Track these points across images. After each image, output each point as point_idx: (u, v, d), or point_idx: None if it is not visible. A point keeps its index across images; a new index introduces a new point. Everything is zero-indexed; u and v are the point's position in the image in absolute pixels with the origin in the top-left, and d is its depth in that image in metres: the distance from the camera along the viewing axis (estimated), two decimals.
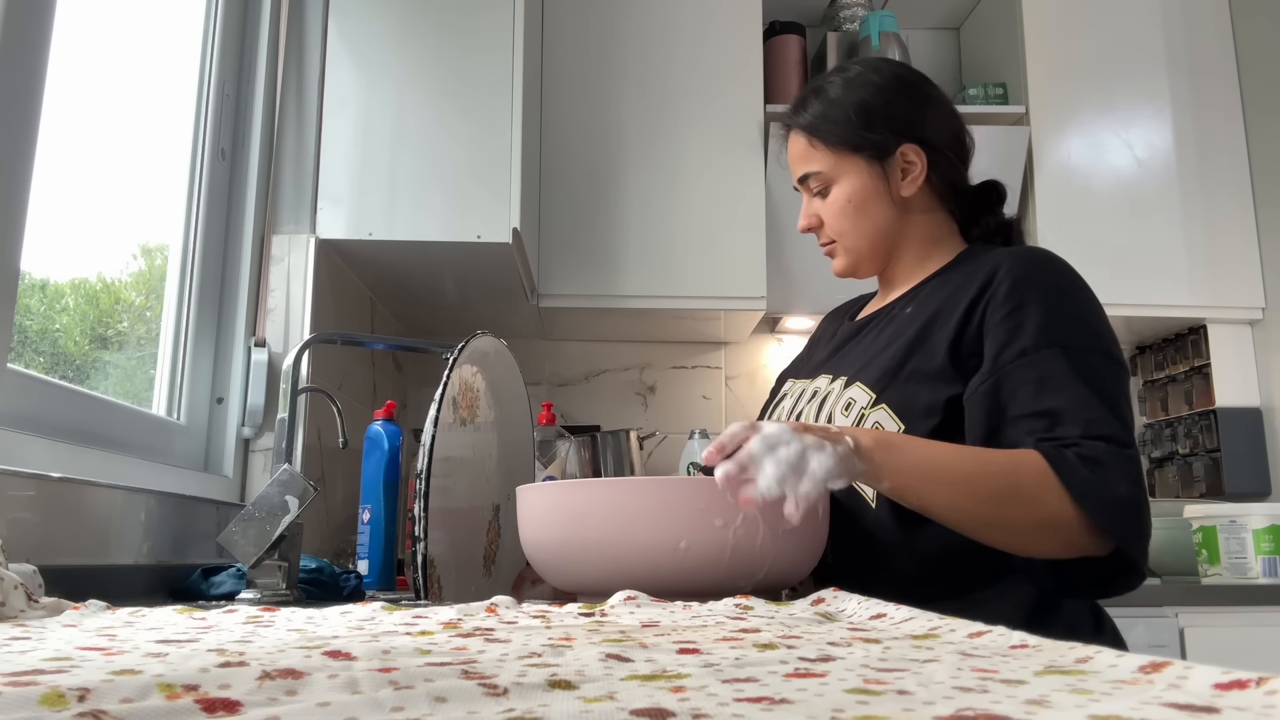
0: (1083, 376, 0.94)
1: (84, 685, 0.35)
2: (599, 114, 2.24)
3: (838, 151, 1.12)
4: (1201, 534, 1.99)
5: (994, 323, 0.99)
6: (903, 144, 1.11)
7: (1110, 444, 0.90)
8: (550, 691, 0.37)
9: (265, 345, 1.59)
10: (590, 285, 2.17)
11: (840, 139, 1.12)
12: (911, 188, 1.12)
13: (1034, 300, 0.99)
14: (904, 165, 1.12)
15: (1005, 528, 0.92)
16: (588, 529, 0.87)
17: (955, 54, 2.73)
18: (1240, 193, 2.31)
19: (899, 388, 1.02)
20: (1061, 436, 0.91)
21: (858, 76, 1.15)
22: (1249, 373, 2.29)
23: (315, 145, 1.71)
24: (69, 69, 1.16)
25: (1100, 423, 0.91)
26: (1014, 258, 1.04)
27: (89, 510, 1.06)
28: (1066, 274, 1.03)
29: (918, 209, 1.14)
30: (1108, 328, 1.00)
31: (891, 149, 1.11)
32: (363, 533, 1.42)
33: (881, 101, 1.12)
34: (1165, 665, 0.38)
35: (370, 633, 0.59)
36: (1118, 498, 0.88)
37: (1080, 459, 0.89)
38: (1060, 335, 0.97)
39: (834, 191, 1.13)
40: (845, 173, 1.12)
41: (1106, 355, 0.97)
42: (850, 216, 1.12)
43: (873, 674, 0.40)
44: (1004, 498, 0.90)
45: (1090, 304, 1.01)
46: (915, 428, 0.99)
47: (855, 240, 1.14)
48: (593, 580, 0.89)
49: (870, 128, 1.11)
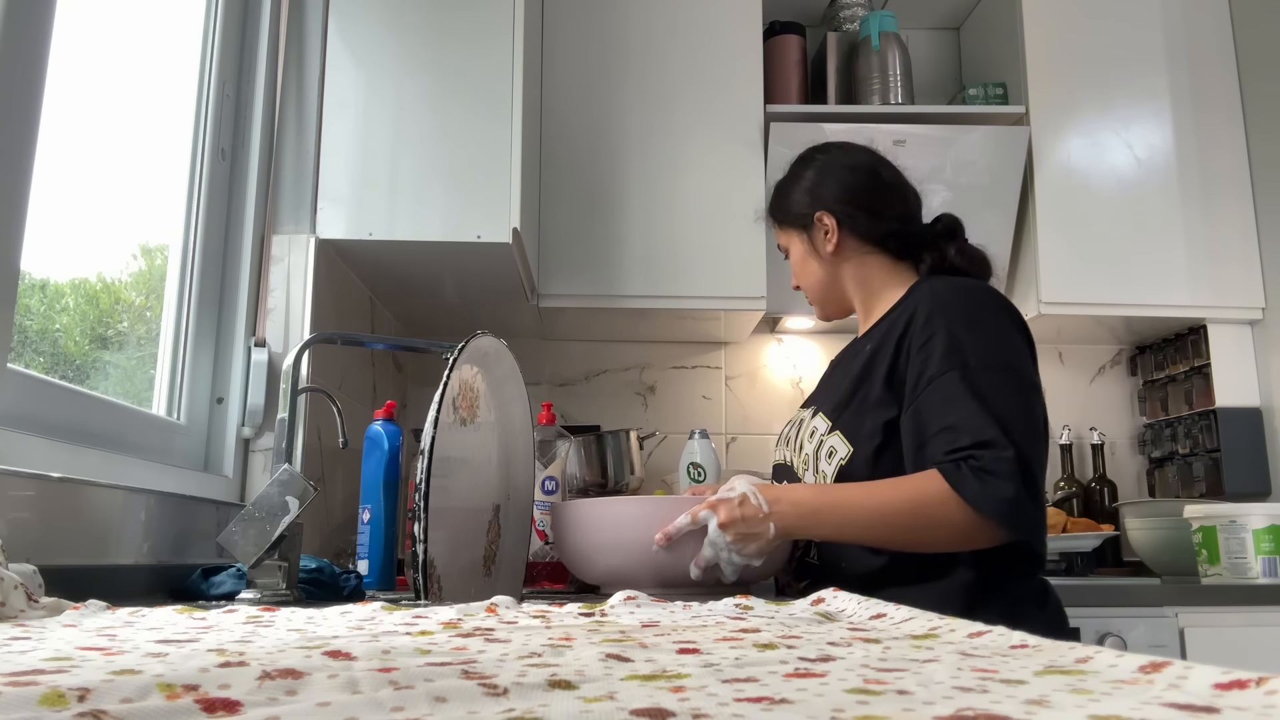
0: (974, 393, 1.13)
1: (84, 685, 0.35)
2: (599, 114, 2.24)
3: (784, 229, 1.42)
4: (1201, 534, 1.99)
5: (913, 353, 1.20)
6: (817, 211, 1.36)
7: (993, 449, 1.09)
8: (550, 691, 0.37)
9: (265, 345, 1.59)
10: (590, 285, 2.17)
11: (781, 220, 1.42)
12: (829, 245, 1.35)
13: (940, 329, 1.18)
14: (822, 229, 1.36)
15: (920, 545, 1.15)
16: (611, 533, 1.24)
17: (955, 54, 2.72)
18: (1240, 193, 2.31)
19: (849, 416, 1.24)
20: (959, 448, 1.11)
21: (790, 169, 1.43)
22: (1249, 373, 2.29)
23: (315, 145, 1.71)
24: (69, 69, 1.16)
25: (984, 430, 1.10)
26: (931, 292, 1.24)
27: (89, 510, 1.06)
28: (975, 300, 1.22)
29: (846, 259, 1.36)
30: (1009, 343, 1.19)
31: (809, 219, 1.37)
32: (363, 533, 1.42)
33: (797, 183, 1.40)
34: (1165, 665, 0.38)
35: (370, 633, 0.59)
36: (1006, 498, 1.08)
37: (972, 471, 1.09)
38: (959, 358, 1.15)
39: (792, 261, 1.42)
40: (791, 243, 1.41)
41: (1000, 369, 1.15)
42: (799, 275, 1.42)
43: (873, 674, 0.40)
44: (912, 528, 1.13)
45: (993, 325, 1.20)
46: (862, 448, 1.20)
47: (810, 293, 1.42)
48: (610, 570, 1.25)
49: (790, 204, 1.39)
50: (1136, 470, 2.56)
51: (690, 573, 1.18)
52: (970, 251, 1.34)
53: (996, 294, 1.25)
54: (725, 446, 2.51)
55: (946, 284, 1.26)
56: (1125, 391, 2.60)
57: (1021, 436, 1.10)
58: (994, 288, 1.28)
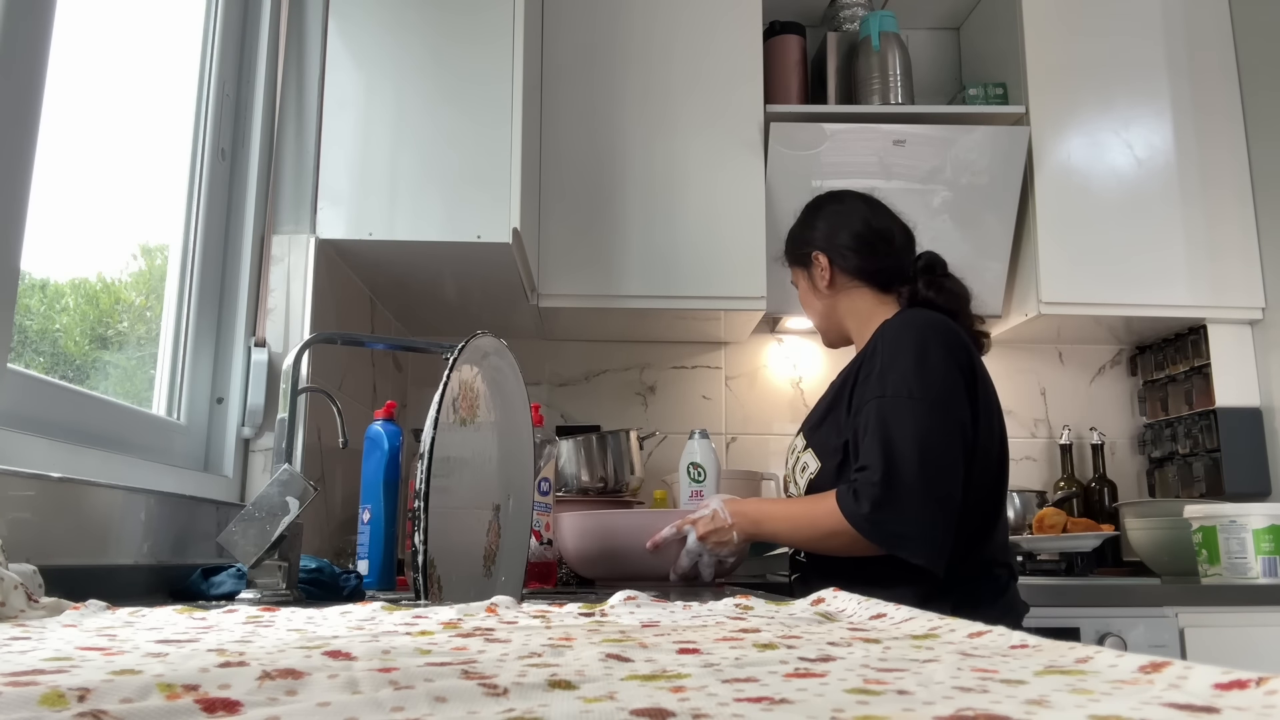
0: (879, 420, 1.32)
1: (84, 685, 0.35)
2: (599, 114, 2.24)
3: (792, 267, 1.62)
4: (1201, 534, 1.99)
5: (860, 381, 1.39)
6: (814, 251, 1.55)
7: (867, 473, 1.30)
8: (550, 691, 0.37)
9: (265, 345, 1.59)
10: (590, 285, 2.17)
11: (789, 259, 1.63)
12: (823, 280, 1.54)
13: (879, 359, 1.37)
14: (818, 266, 1.55)
15: (833, 549, 1.37)
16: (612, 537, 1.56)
17: (955, 54, 2.72)
18: (1240, 193, 2.31)
19: (820, 436, 1.46)
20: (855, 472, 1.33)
21: (800, 215, 1.62)
22: (1249, 373, 2.29)
23: (315, 145, 1.71)
24: (69, 69, 1.16)
25: (869, 457, 1.31)
26: (886, 326, 1.43)
27: (89, 510, 1.06)
28: (913, 334, 1.38)
29: (839, 292, 1.54)
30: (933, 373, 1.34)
31: (808, 257, 1.56)
32: (363, 533, 1.42)
33: (799, 227, 1.61)
34: (1165, 665, 0.38)
35: (370, 633, 0.59)
36: (862, 514, 1.29)
37: (853, 493, 1.30)
38: (880, 388, 1.34)
39: (799, 293, 1.62)
40: (798, 279, 1.61)
41: (909, 397, 1.32)
42: (805, 307, 1.62)
43: (873, 674, 0.40)
44: (821, 536, 1.37)
45: (921, 356, 1.35)
46: (827, 463, 1.42)
47: (814, 322, 1.62)
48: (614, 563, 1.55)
49: (795, 246, 1.60)
50: (1136, 470, 2.56)
51: (670, 576, 1.50)
52: (943, 284, 1.49)
53: (941, 328, 1.40)
54: (725, 446, 2.51)
55: (901, 318, 1.44)
56: (1125, 391, 2.60)
57: (903, 467, 1.27)
58: (944, 322, 1.41)
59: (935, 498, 1.28)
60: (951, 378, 1.35)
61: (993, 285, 2.33)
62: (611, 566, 1.55)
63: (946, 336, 1.39)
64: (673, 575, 1.50)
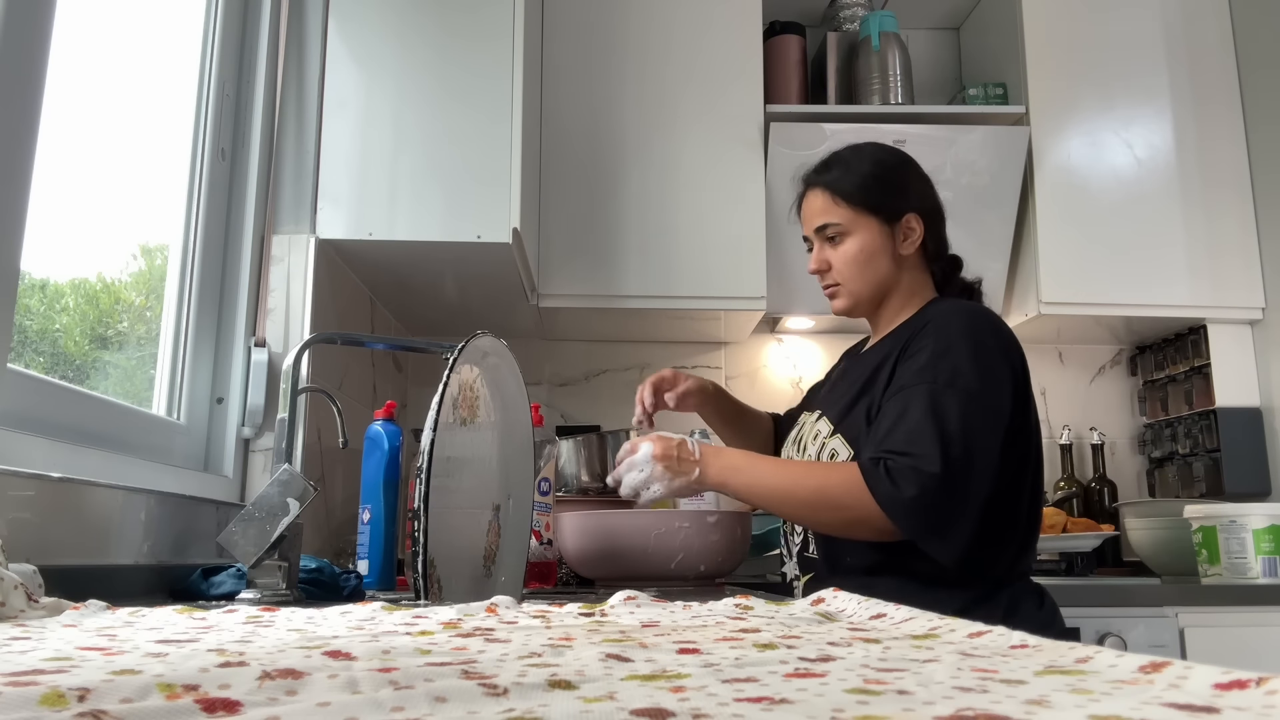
0: (931, 409, 1.18)
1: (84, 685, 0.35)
2: (599, 114, 2.24)
3: (856, 209, 1.35)
4: (1201, 534, 1.99)
5: (901, 365, 1.26)
6: (907, 212, 1.35)
7: (917, 459, 1.16)
8: (550, 691, 0.37)
9: (265, 345, 1.59)
10: (590, 285, 2.17)
11: (861, 200, 1.35)
12: (910, 249, 1.35)
13: (929, 345, 1.24)
14: (906, 230, 1.35)
15: (816, 523, 1.27)
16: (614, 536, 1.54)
17: (955, 54, 2.72)
18: (1240, 193, 2.31)
19: (850, 422, 1.31)
20: (888, 450, 1.18)
21: (872, 154, 1.40)
22: (1249, 373, 2.29)
23: (315, 145, 1.71)
24: (69, 69, 1.16)
25: (919, 444, 1.17)
26: (938, 312, 1.30)
27: (89, 510, 1.06)
28: (969, 324, 1.26)
29: (909, 267, 1.37)
30: (987, 369, 1.22)
31: (899, 215, 1.35)
32: (363, 533, 1.42)
33: (894, 176, 1.38)
34: (1165, 665, 0.38)
35: (370, 633, 0.59)
36: (906, 497, 1.15)
37: (887, 470, 1.16)
38: (931, 374, 1.21)
39: (847, 243, 1.36)
40: (860, 229, 1.35)
41: (964, 391, 1.20)
42: (859, 265, 1.36)
43: (873, 674, 0.40)
44: (813, 504, 1.23)
45: (977, 349, 1.23)
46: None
47: (859, 286, 1.37)
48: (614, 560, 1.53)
49: (886, 195, 1.35)
50: (1136, 470, 2.56)
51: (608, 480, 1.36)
52: (968, 284, 1.43)
53: (996, 321, 1.29)
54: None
55: (953, 305, 1.32)
56: (1125, 391, 2.60)
57: (957, 460, 1.16)
58: (998, 317, 1.31)
59: (979, 498, 1.18)
60: (1003, 375, 1.25)
61: (993, 285, 2.33)
62: (611, 566, 1.55)
63: (1003, 334, 1.29)
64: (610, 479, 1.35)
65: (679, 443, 1.30)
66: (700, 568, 1.52)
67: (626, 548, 1.52)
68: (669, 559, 1.51)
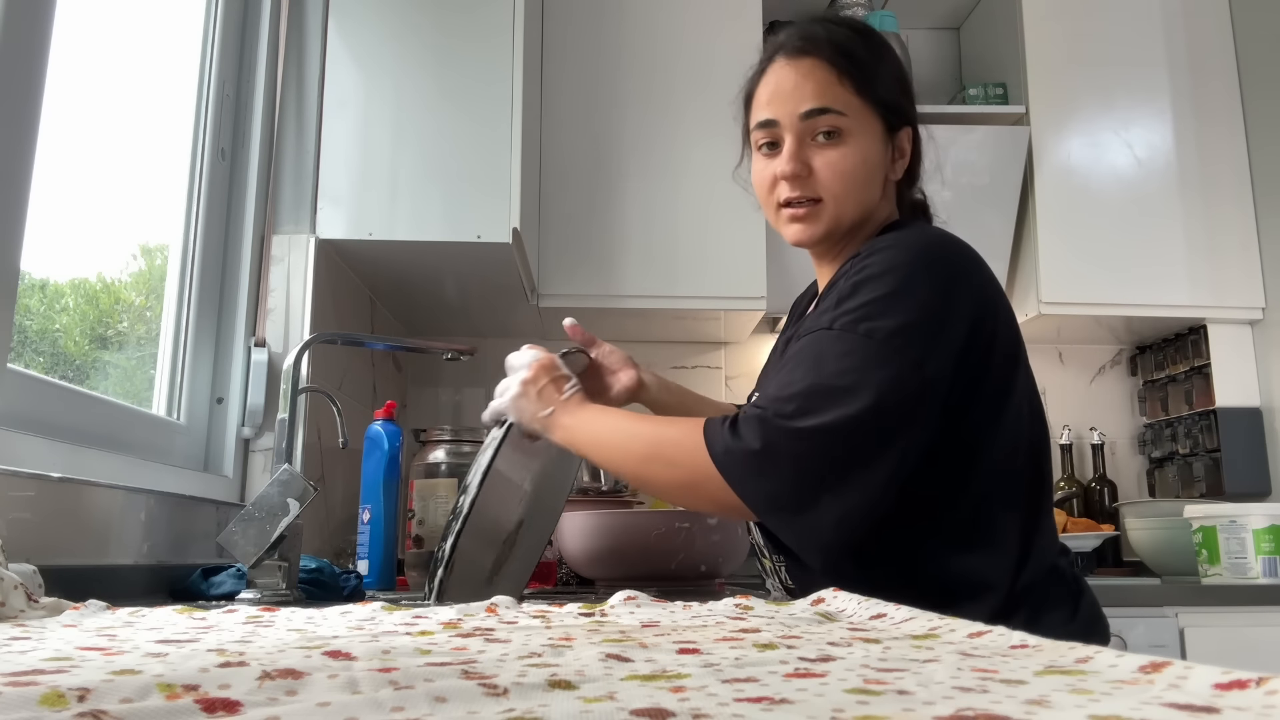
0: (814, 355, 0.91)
1: (84, 685, 0.35)
2: (599, 113, 2.24)
3: (866, 102, 1.00)
4: (1201, 534, 1.99)
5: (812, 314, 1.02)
6: (905, 127, 1.05)
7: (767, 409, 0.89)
8: (550, 691, 0.37)
9: (265, 345, 1.59)
10: (590, 285, 2.17)
11: (875, 91, 1.00)
12: (898, 174, 1.06)
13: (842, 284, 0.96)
14: (900, 147, 1.05)
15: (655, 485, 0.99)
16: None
17: (955, 54, 2.72)
18: (1240, 193, 2.31)
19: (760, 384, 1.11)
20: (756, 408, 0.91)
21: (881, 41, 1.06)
22: (1249, 373, 2.29)
23: (315, 145, 1.71)
24: (69, 69, 1.15)
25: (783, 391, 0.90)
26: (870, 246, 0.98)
27: (89, 510, 1.06)
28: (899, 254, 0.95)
29: (888, 195, 1.07)
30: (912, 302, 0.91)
31: (900, 126, 1.04)
32: (363, 533, 1.42)
33: (904, 76, 1.05)
34: (1165, 665, 0.38)
35: (370, 633, 0.59)
36: (743, 450, 0.88)
37: (731, 421, 0.91)
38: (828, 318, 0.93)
39: (846, 145, 1.00)
40: (865, 130, 1.00)
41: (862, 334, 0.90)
42: (858, 180, 1.01)
43: (873, 674, 0.40)
44: (649, 460, 0.96)
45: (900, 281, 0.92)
46: None
47: (847, 208, 1.02)
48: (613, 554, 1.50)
49: (904, 95, 1.04)
50: (1136, 470, 2.56)
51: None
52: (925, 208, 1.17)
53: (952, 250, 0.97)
54: None
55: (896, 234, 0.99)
56: (1125, 391, 2.60)
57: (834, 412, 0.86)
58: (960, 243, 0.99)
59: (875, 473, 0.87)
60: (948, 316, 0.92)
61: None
62: (611, 566, 1.55)
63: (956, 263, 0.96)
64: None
65: (557, 376, 1.04)
66: (700, 568, 1.52)
67: (626, 548, 1.52)
68: (669, 559, 1.51)
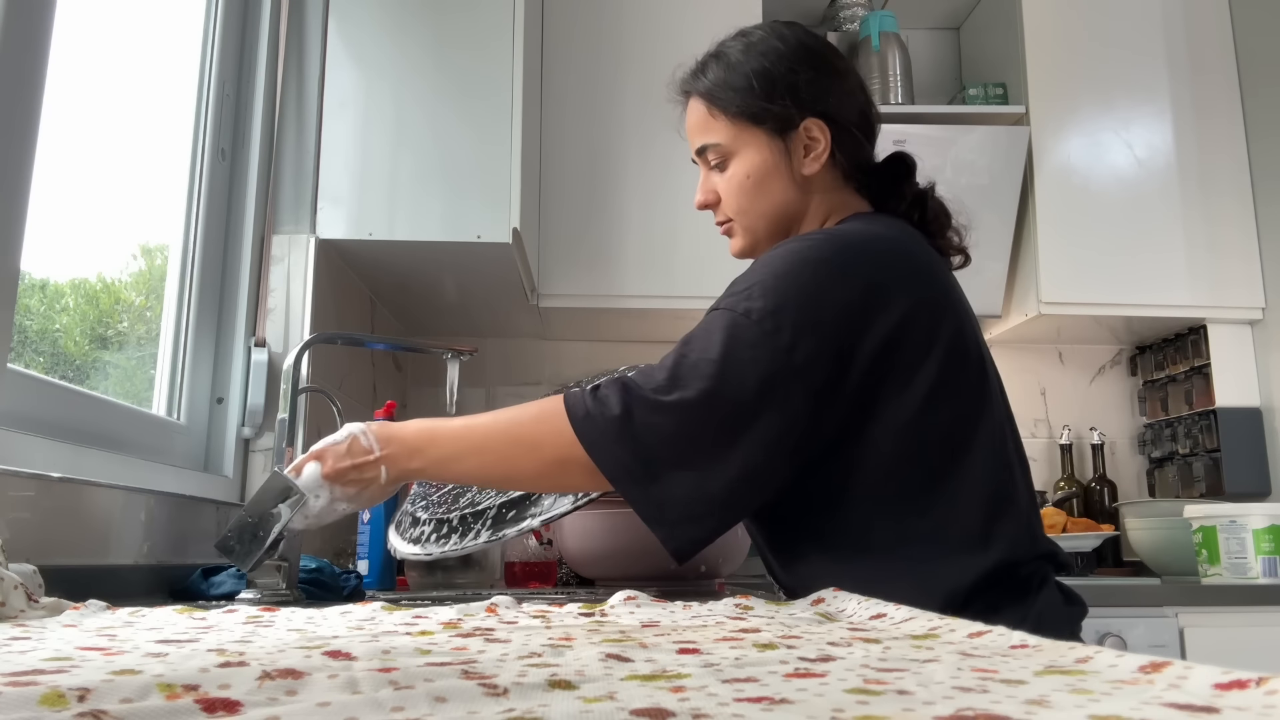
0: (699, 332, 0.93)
1: (84, 685, 0.35)
2: (599, 113, 2.24)
3: (737, 122, 1.05)
4: (1201, 534, 1.99)
5: None
6: (806, 118, 1.03)
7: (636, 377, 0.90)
8: (550, 691, 0.37)
9: (265, 345, 1.59)
10: (590, 285, 2.17)
11: (740, 109, 1.04)
12: (814, 165, 1.04)
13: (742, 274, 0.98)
14: (807, 141, 1.04)
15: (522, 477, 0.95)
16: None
17: (955, 54, 2.72)
18: (1240, 193, 2.31)
19: None
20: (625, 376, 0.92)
21: (760, 41, 1.07)
22: (1249, 373, 2.29)
23: (315, 145, 1.71)
24: (69, 69, 1.15)
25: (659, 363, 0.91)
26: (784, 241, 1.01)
27: (89, 510, 1.06)
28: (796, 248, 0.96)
29: (820, 188, 1.06)
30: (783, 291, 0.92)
31: (795, 123, 1.03)
32: (363, 533, 1.42)
33: (785, 70, 1.04)
34: (1165, 665, 0.38)
35: (370, 633, 0.59)
36: (605, 415, 0.88)
37: (594, 387, 0.90)
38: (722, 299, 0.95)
39: (732, 166, 1.07)
40: (745, 146, 1.05)
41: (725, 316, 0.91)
42: (748, 194, 1.06)
43: (873, 674, 0.40)
44: (511, 451, 0.93)
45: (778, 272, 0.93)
46: None
47: (753, 220, 1.07)
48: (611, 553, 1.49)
49: (772, 98, 1.03)
50: (1136, 470, 2.56)
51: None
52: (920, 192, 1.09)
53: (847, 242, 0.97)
54: None
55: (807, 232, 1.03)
56: (1125, 391, 2.60)
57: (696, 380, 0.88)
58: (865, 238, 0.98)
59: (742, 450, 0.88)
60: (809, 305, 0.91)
61: (993, 285, 2.33)
62: (611, 566, 1.55)
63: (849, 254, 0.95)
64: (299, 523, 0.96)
65: (348, 444, 0.95)
66: (700, 568, 1.52)
67: (626, 548, 1.52)
68: (669, 559, 1.51)
